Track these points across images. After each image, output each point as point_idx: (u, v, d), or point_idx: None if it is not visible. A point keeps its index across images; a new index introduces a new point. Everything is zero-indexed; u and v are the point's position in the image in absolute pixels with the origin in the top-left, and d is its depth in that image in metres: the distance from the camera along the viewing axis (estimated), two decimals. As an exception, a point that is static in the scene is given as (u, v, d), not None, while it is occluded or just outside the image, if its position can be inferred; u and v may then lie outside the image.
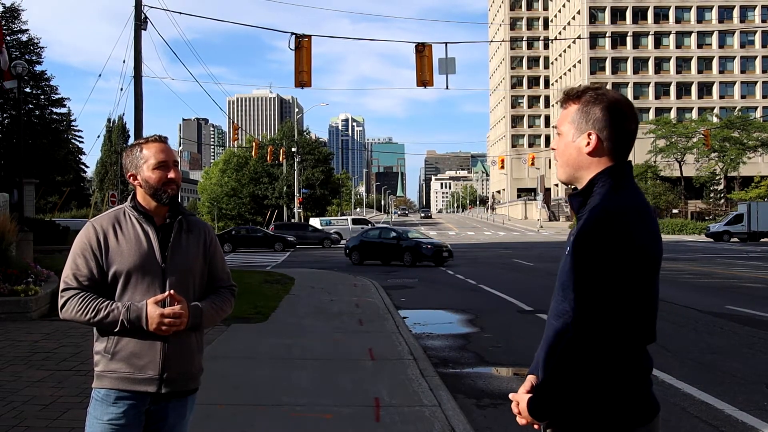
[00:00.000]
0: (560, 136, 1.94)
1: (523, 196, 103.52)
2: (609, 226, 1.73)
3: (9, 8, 37.45)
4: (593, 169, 1.87)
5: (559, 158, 1.95)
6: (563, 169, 1.95)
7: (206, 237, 2.63)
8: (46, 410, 5.12)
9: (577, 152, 1.89)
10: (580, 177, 1.91)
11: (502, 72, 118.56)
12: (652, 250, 1.78)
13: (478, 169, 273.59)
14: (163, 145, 2.54)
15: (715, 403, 5.86)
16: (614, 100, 1.87)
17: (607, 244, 1.71)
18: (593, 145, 1.86)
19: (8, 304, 9.35)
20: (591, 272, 1.72)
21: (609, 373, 1.75)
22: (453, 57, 19.02)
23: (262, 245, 36.63)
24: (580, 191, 1.89)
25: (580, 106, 1.90)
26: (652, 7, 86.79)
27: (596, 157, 1.87)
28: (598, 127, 1.86)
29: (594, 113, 1.87)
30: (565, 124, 1.92)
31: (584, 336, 1.72)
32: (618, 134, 1.86)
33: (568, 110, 1.93)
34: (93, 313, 2.37)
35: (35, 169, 35.05)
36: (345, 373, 6.68)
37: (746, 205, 44.76)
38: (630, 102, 1.91)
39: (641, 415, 1.81)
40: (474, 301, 13.70)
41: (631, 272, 1.73)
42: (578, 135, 1.89)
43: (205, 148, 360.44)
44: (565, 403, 1.77)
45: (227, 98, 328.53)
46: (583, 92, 1.91)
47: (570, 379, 1.74)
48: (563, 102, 1.96)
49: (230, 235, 37.85)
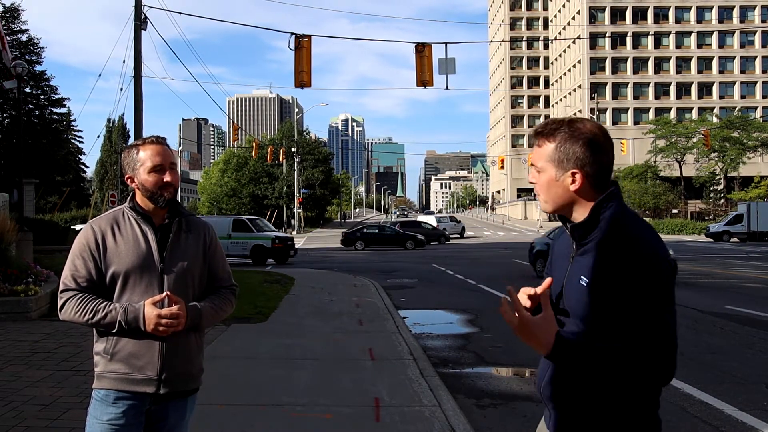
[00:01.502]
0: (540, 173, 1.91)
1: (523, 196, 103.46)
2: (655, 247, 1.74)
3: (9, 8, 37.51)
4: (583, 201, 1.86)
5: (542, 194, 1.92)
6: (549, 205, 1.92)
7: (206, 237, 2.62)
8: (46, 410, 5.12)
9: (563, 190, 1.87)
10: (571, 210, 1.90)
11: (502, 72, 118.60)
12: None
13: (478, 169, 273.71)
14: (160, 147, 2.52)
15: (715, 403, 5.87)
16: (591, 134, 1.84)
17: (661, 265, 1.72)
18: (579, 182, 1.84)
19: (8, 304, 9.35)
20: (652, 297, 1.70)
21: (624, 394, 1.75)
22: (453, 57, 19.03)
23: (393, 244, 37.03)
24: (585, 223, 1.85)
25: (556, 144, 1.86)
26: (652, 7, 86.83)
27: (583, 193, 1.86)
28: (579, 165, 1.83)
29: (574, 151, 1.83)
30: (543, 162, 1.89)
31: (656, 361, 1.69)
32: (600, 168, 1.85)
33: (543, 148, 1.89)
34: (91, 314, 2.37)
35: (35, 169, 35.09)
36: (345, 373, 6.68)
37: (746, 205, 44.73)
38: (605, 131, 1.88)
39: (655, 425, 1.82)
40: (474, 301, 13.70)
41: (673, 284, 1.76)
42: (561, 173, 1.86)
43: (205, 148, 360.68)
44: (581, 370, 1.74)
45: (227, 98, 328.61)
46: (556, 129, 1.87)
47: (602, 366, 1.71)
48: (536, 138, 1.92)
49: (362, 233, 37.94)
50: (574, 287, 1.83)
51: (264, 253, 26.06)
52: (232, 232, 26.16)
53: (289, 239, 27.35)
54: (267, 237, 26.36)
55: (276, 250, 26.11)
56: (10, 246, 11.14)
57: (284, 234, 31.05)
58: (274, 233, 27.71)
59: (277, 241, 26.33)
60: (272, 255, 26.17)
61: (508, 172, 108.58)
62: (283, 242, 26.51)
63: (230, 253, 26.04)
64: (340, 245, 37.79)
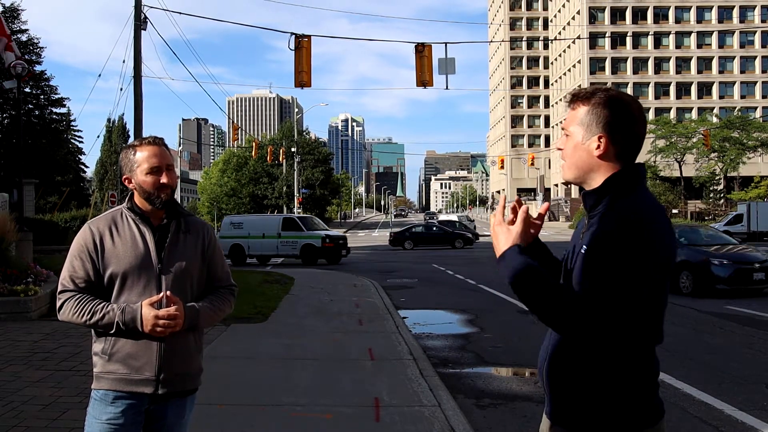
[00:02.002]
0: (568, 137, 1.92)
1: (522, 196, 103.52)
2: (641, 230, 1.71)
3: (9, 8, 37.50)
4: (603, 171, 1.86)
5: (567, 159, 1.92)
6: (571, 170, 1.92)
7: (205, 237, 2.62)
8: (45, 410, 5.11)
9: (587, 155, 1.87)
10: (589, 178, 1.89)
11: (501, 72, 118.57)
12: (672, 255, 1.79)
13: (477, 169, 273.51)
14: (157, 148, 2.51)
15: (715, 403, 5.86)
16: (625, 102, 1.85)
17: (640, 247, 1.70)
18: (603, 148, 1.84)
19: (8, 304, 9.35)
20: (618, 272, 1.69)
21: (620, 374, 1.75)
22: (453, 57, 19.04)
23: (442, 242, 37.02)
24: (596, 190, 1.86)
25: (589, 107, 1.87)
26: (652, 7, 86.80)
27: (606, 161, 1.85)
28: (608, 130, 1.84)
29: (605, 116, 1.84)
30: (574, 125, 1.90)
31: (597, 330, 1.70)
32: (628, 137, 1.84)
33: (576, 111, 1.90)
34: (89, 315, 2.37)
35: (35, 169, 35.08)
36: (345, 373, 6.68)
37: (746, 205, 44.71)
38: (640, 104, 1.89)
39: (649, 417, 1.81)
40: (474, 301, 13.70)
41: (657, 272, 1.73)
42: (588, 137, 1.86)
43: (205, 148, 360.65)
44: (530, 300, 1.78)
45: (227, 98, 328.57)
46: (592, 94, 1.88)
47: (561, 309, 1.73)
48: (571, 102, 1.93)
49: (411, 232, 37.77)
50: (576, 256, 1.84)
51: (314, 252, 24.89)
52: (281, 231, 25.34)
53: (340, 238, 26.03)
54: (317, 236, 25.14)
55: (326, 249, 24.88)
56: (10, 246, 11.14)
57: (335, 232, 28.83)
58: (325, 232, 26.40)
59: (327, 240, 25.01)
60: (323, 255, 25.04)
61: (508, 172, 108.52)
62: (333, 241, 25.29)
63: (280, 253, 25.10)
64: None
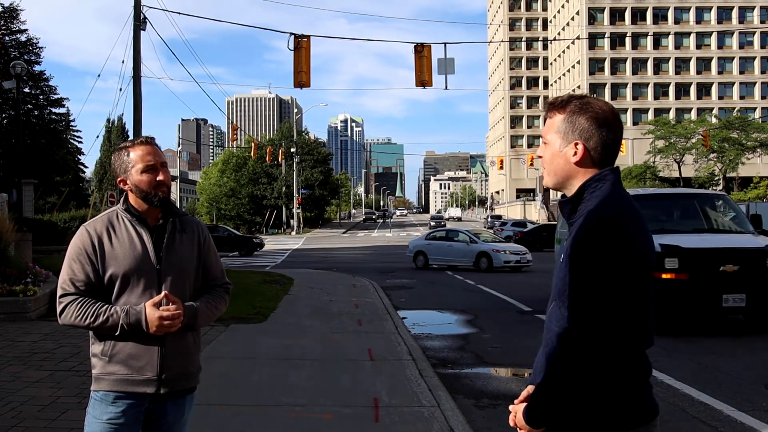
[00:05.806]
0: (546, 145, 1.96)
1: (522, 196, 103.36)
2: (606, 231, 1.74)
3: (8, 8, 37.43)
4: (581, 177, 1.89)
5: (546, 167, 1.97)
6: (551, 177, 1.97)
7: (200, 236, 2.64)
8: (45, 410, 5.11)
9: (564, 161, 1.91)
10: (568, 185, 1.93)
11: (501, 72, 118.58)
12: (647, 255, 1.80)
13: (477, 170, 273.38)
14: (150, 147, 2.53)
15: (714, 403, 5.86)
16: (599, 109, 1.88)
17: (606, 250, 1.72)
18: (580, 154, 1.88)
19: (7, 305, 9.33)
20: (589, 278, 1.72)
21: (606, 380, 1.75)
22: (452, 57, 19.07)
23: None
24: (571, 198, 1.91)
25: (565, 115, 1.90)
26: (651, 8, 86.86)
27: (583, 167, 1.89)
28: (584, 136, 1.87)
29: (580, 123, 1.88)
30: (551, 133, 1.93)
31: (581, 343, 1.72)
32: (604, 143, 1.87)
33: (553, 119, 1.94)
34: (92, 318, 2.37)
35: (34, 170, 35.02)
36: (344, 373, 6.68)
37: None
38: (615, 110, 1.92)
39: (639, 416, 1.81)
40: (473, 301, 13.70)
41: (630, 277, 1.74)
42: (565, 144, 1.90)
43: (204, 148, 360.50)
44: (559, 411, 1.77)
45: (226, 98, 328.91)
46: (567, 101, 1.92)
47: (565, 386, 1.74)
48: (548, 111, 1.97)
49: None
50: (558, 267, 1.88)
51: None
52: None
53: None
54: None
55: None
56: (9, 246, 11.12)
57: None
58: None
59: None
60: None
61: (507, 173, 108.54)
62: None
63: None
64: (340, 245, 37.59)
